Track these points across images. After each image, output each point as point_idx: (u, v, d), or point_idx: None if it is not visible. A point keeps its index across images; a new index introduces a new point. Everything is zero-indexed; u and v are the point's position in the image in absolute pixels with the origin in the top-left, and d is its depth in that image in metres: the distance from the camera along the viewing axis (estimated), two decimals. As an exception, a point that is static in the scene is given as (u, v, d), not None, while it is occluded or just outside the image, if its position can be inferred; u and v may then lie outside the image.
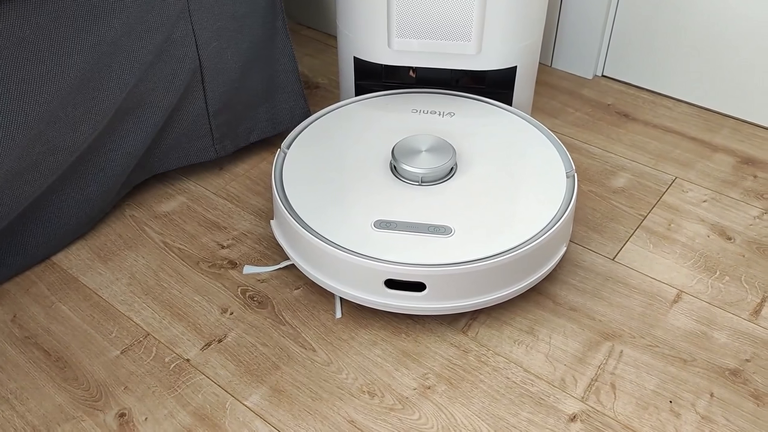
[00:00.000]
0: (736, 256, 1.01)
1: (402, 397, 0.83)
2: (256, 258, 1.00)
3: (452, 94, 1.13)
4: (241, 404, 0.82)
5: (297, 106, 1.18)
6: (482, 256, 0.85)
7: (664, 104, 1.32)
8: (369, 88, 1.17)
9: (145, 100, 0.99)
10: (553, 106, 1.32)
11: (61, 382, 0.84)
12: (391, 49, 1.08)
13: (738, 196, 1.11)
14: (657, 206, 1.09)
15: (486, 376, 0.85)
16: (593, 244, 1.03)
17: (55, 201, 0.97)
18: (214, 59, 1.03)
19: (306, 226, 0.89)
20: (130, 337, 0.89)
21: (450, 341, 0.89)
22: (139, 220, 1.07)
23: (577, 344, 0.89)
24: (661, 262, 1.00)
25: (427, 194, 0.94)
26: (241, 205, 1.09)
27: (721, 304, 0.94)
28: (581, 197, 1.11)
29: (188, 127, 1.07)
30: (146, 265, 0.99)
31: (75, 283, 0.96)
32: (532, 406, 0.82)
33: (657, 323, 0.91)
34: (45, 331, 0.90)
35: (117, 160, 1.00)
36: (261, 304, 0.94)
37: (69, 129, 0.91)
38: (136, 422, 0.80)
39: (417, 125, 1.05)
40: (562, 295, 0.95)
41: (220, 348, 0.88)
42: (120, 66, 0.93)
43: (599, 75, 1.40)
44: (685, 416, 0.81)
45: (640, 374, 0.85)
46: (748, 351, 0.88)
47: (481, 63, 1.09)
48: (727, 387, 0.84)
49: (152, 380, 0.84)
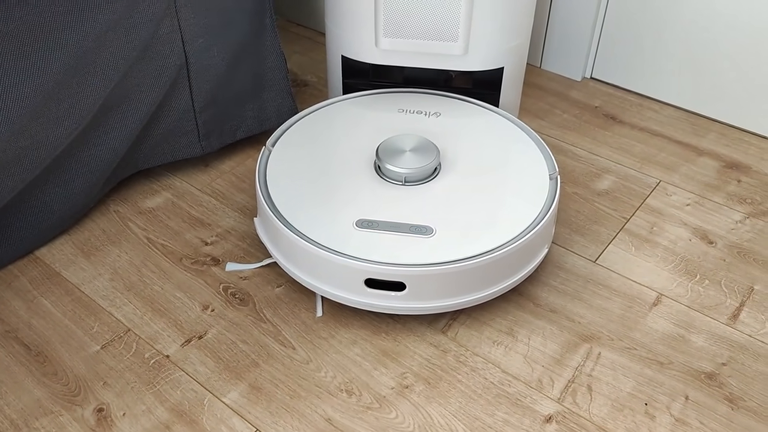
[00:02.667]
0: (717, 260, 1.02)
1: (379, 396, 0.83)
2: (239, 255, 1.01)
3: (439, 95, 1.13)
4: (219, 401, 0.82)
5: (284, 104, 1.18)
6: (463, 256, 0.86)
7: (652, 107, 1.32)
8: (356, 86, 1.18)
9: (130, 96, 0.99)
10: (540, 107, 1.32)
11: (41, 376, 0.84)
12: (378, 48, 1.08)
13: (721, 200, 1.12)
14: (640, 209, 1.10)
15: (464, 376, 0.86)
16: (576, 246, 1.03)
17: (38, 195, 0.97)
18: (200, 56, 1.04)
19: (288, 225, 0.89)
20: (110, 333, 0.89)
21: (429, 341, 0.90)
22: (123, 215, 1.07)
23: (555, 346, 0.89)
24: (642, 265, 1.01)
25: (410, 194, 0.94)
26: (226, 202, 1.10)
27: (700, 307, 0.95)
28: (565, 199, 1.11)
29: (174, 124, 1.07)
30: (129, 261, 0.99)
31: (57, 278, 0.97)
32: (508, 407, 0.82)
33: (636, 326, 0.92)
34: (26, 326, 0.90)
35: (101, 156, 1.00)
36: (242, 301, 0.94)
37: (53, 124, 0.91)
38: (114, 417, 0.80)
39: (403, 125, 1.06)
40: (543, 297, 0.95)
41: (200, 344, 0.88)
42: (105, 62, 0.93)
43: (588, 77, 1.41)
44: (660, 419, 0.81)
45: (616, 376, 0.86)
46: (725, 355, 0.89)
47: (468, 63, 1.10)
48: (702, 390, 0.84)
49: (131, 376, 0.85)
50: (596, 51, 1.37)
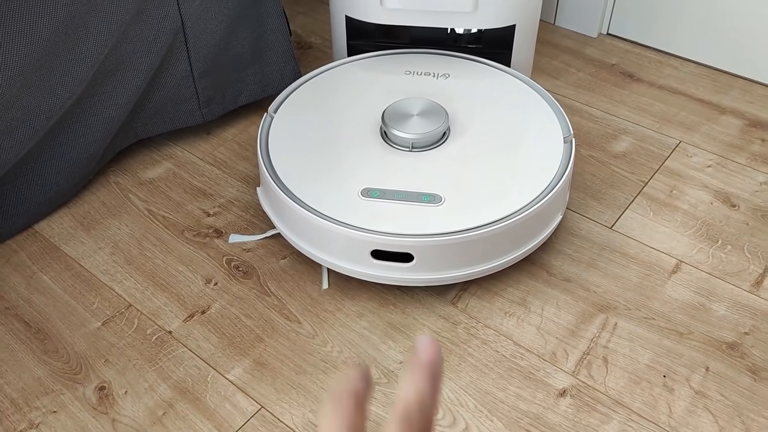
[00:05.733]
0: (740, 224, 0.97)
1: (387, 371, 0.81)
2: (243, 226, 0.98)
3: (448, 55, 1.08)
4: (223, 377, 0.80)
5: (287, 68, 1.13)
6: (473, 225, 0.82)
7: (671, 64, 1.26)
8: (362, 48, 1.13)
9: (125, 62, 0.95)
10: (554, 66, 1.27)
11: (41, 354, 0.83)
12: (383, 7, 1.03)
13: (744, 161, 1.07)
14: (659, 172, 1.05)
15: (475, 349, 0.83)
16: (591, 211, 0.99)
17: (34, 168, 0.94)
18: (197, 18, 0.99)
19: (291, 195, 0.86)
20: (111, 309, 0.87)
21: (439, 313, 0.87)
22: (124, 187, 1.04)
23: (570, 316, 0.86)
24: (661, 230, 0.96)
25: (417, 161, 0.90)
26: (229, 172, 1.06)
27: (722, 274, 0.91)
28: (580, 162, 1.07)
29: (172, 91, 1.04)
30: (130, 234, 0.97)
31: (57, 253, 0.94)
32: (520, 381, 0.80)
33: (654, 295, 0.88)
34: (26, 302, 0.88)
35: (98, 126, 0.97)
36: (246, 274, 0.91)
37: (45, 93, 0.87)
38: (115, 395, 0.78)
39: (410, 88, 1.01)
40: (557, 266, 0.92)
41: (203, 320, 0.86)
42: (97, 26, 0.89)
43: (604, 33, 1.35)
44: (679, 391, 0.78)
45: (634, 348, 0.83)
46: (748, 324, 0.85)
47: (478, 21, 1.04)
48: (723, 361, 0.81)
49: (133, 352, 0.83)
50: (613, 6, 1.31)
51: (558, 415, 0.76)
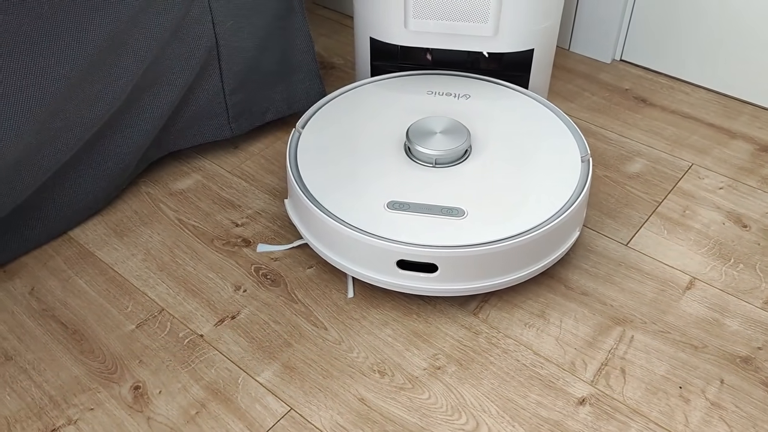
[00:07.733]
0: (752, 244, 1.00)
1: (412, 377, 0.84)
2: (270, 237, 1.01)
3: (468, 77, 1.12)
4: (253, 380, 0.83)
5: (312, 86, 1.18)
6: (495, 238, 0.85)
7: (683, 89, 1.31)
8: (385, 68, 1.17)
9: (161, 77, 1.00)
10: (569, 90, 1.31)
11: (78, 354, 0.85)
12: (407, 29, 1.08)
13: (755, 183, 1.10)
14: (672, 192, 1.09)
15: (496, 357, 0.86)
16: (607, 229, 1.03)
17: (72, 176, 0.98)
18: (230, 37, 1.04)
19: (319, 206, 0.89)
20: (144, 312, 0.90)
21: (461, 323, 0.90)
22: (155, 197, 1.08)
23: (587, 329, 0.89)
24: (674, 248, 1.00)
25: (440, 176, 0.94)
26: (256, 184, 1.10)
27: (735, 291, 0.94)
28: (596, 182, 1.10)
29: (204, 106, 1.08)
30: (161, 242, 1.00)
31: (91, 258, 0.98)
32: (541, 389, 0.82)
33: (669, 309, 0.91)
34: (62, 304, 0.91)
35: (133, 138, 1.01)
36: (274, 282, 0.95)
37: (86, 105, 0.92)
38: (150, 395, 0.81)
39: (432, 107, 1.05)
40: (574, 280, 0.95)
41: (233, 324, 0.89)
42: (137, 43, 0.93)
43: (617, 59, 1.39)
44: (695, 402, 0.81)
45: (650, 359, 0.85)
46: (761, 339, 0.88)
47: (498, 45, 1.09)
48: (737, 374, 0.84)
49: (166, 354, 0.85)
50: (626, 33, 1.35)
51: (578, 423, 0.79)
